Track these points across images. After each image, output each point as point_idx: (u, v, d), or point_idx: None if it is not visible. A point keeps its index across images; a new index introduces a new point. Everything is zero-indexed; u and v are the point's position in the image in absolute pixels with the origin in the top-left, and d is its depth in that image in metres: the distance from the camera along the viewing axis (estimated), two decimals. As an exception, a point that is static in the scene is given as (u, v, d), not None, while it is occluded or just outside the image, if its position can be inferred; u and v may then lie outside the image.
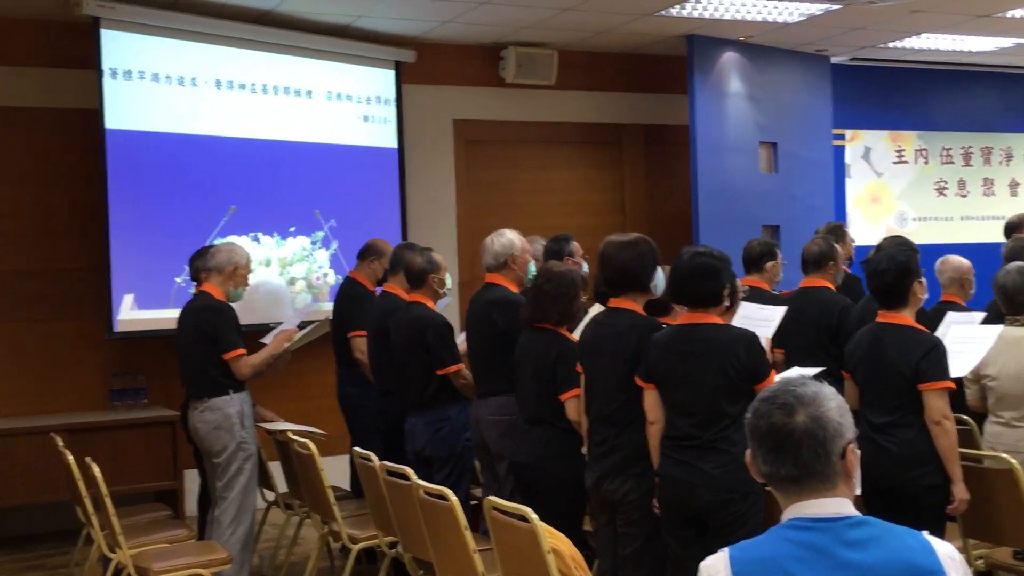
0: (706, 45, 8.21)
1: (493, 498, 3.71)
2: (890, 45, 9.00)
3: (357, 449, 4.84)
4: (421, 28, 7.74)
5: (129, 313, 6.84)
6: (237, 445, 5.21)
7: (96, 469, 4.60)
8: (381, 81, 7.88)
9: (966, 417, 4.76)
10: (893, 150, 10.04)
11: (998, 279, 4.71)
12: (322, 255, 7.62)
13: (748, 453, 2.00)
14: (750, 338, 3.80)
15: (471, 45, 8.24)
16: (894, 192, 10.05)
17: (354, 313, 6.03)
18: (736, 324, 4.22)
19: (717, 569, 1.93)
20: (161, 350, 6.77)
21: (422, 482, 4.13)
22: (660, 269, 4.19)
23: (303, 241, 7.54)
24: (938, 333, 4.45)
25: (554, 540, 3.36)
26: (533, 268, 5.13)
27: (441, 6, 7.17)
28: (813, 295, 5.55)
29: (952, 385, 4.00)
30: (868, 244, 6.88)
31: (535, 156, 8.65)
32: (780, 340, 5.18)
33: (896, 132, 10.04)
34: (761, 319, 4.83)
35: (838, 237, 6.23)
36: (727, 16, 7.68)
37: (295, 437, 5.14)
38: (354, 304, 6.10)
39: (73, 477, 4.81)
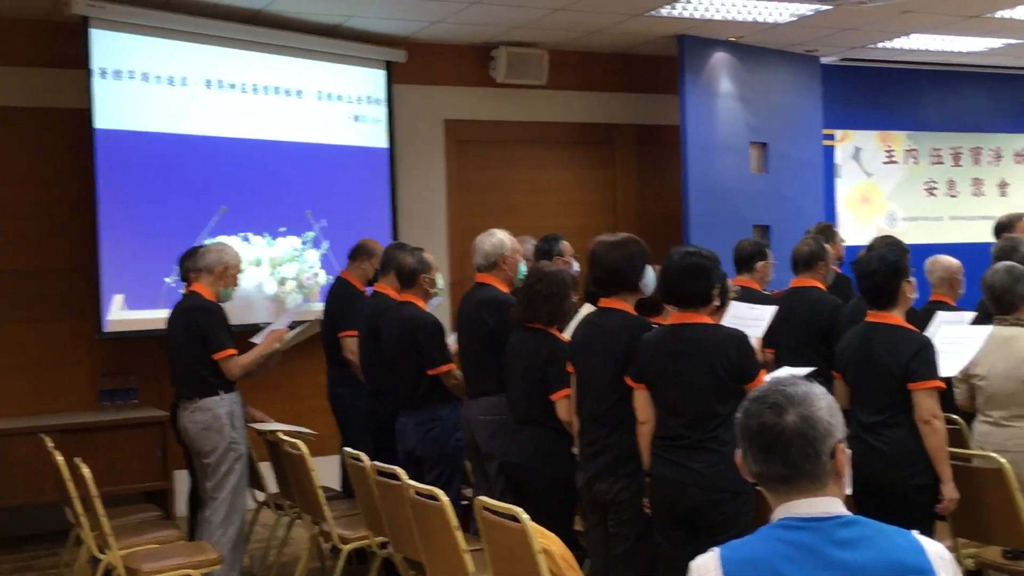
0: (697, 45, 8.22)
1: (484, 498, 3.71)
2: (880, 45, 9.02)
3: (348, 449, 4.84)
4: (412, 28, 7.73)
5: (119, 313, 6.82)
6: (227, 445, 5.21)
7: (86, 469, 4.59)
8: (372, 81, 7.88)
9: (956, 417, 4.77)
10: (883, 150, 10.06)
11: (986, 279, 4.72)
12: (313, 255, 7.61)
13: (738, 453, 2.01)
14: (740, 338, 3.81)
15: (462, 45, 8.24)
16: (884, 192, 10.07)
17: (345, 313, 6.02)
18: (726, 324, 4.23)
19: (708, 569, 1.94)
20: (151, 350, 6.75)
21: (413, 482, 4.13)
22: (650, 268, 4.20)
23: (294, 241, 7.53)
24: (928, 333, 4.46)
25: (545, 540, 3.36)
26: (523, 268, 5.13)
27: (432, 6, 7.16)
28: (803, 295, 5.57)
29: (942, 384, 4.01)
30: (858, 244, 6.89)
31: (526, 156, 8.65)
32: (770, 340, 5.20)
33: (886, 132, 10.06)
34: (751, 319, 4.84)
35: (828, 237, 6.26)
36: (717, 16, 7.69)
37: (285, 437, 5.14)
38: (345, 304, 6.09)
39: (62, 477, 4.79)
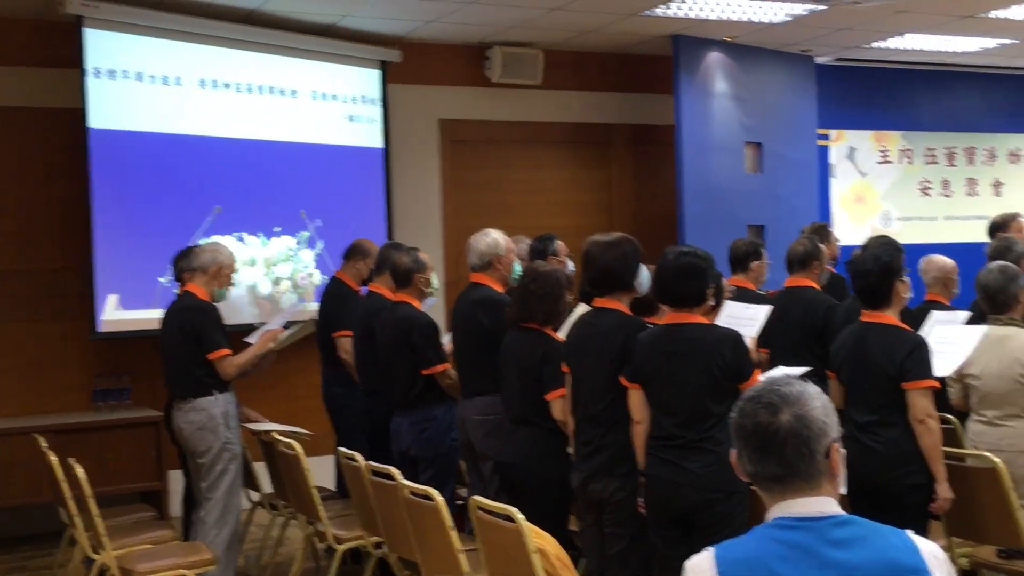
0: (691, 45, 8.22)
1: (479, 498, 3.71)
2: (874, 45, 9.03)
3: (342, 449, 4.83)
4: (407, 28, 7.72)
5: (113, 313, 6.80)
6: (222, 446, 5.20)
7: (80, 470, 4.58)
8: (366, 81, 7.87)
9: (950, 416, 4.78)
10: (877, 150, 10.07)
11: (980, 278, 4.72)
12: (307, 255, 7.60)
13: (733, 452, 2.00)
14: (735, 338, 3.81)
15: (457, 45, 8.23)
16: (878, 192, 10.09)
17: (339, 313, 6.02)
18: (721, 323, 4.23)
19: (703, 568, 1.93)
20: (146, 350, 6.73)
21: (407, 482, 4.12)
22: (644, 268, 4.19)
23: (288, 241, 7.52)
24: (922, 332, 4.46)
25: (540, 540, 3.36)
26: (518, 268, 5.13)
27: (427, 6, 7.15)
28: (798, 295, 5.57)
29: (936, 384, 4.01)
30: (853, 244, 6.91)
31: (521, 156, 8.64)
32: (765, 340, 5.19)
33: (880, 132, 10.07)
34: (746, 318, 4.83)
35: (823, 237, 6.26)
36: (712, 16, 7.70)
37: (280, 437, 5.13)
38: (339, 304, 6.09)
39: (56, 478, 4.78)
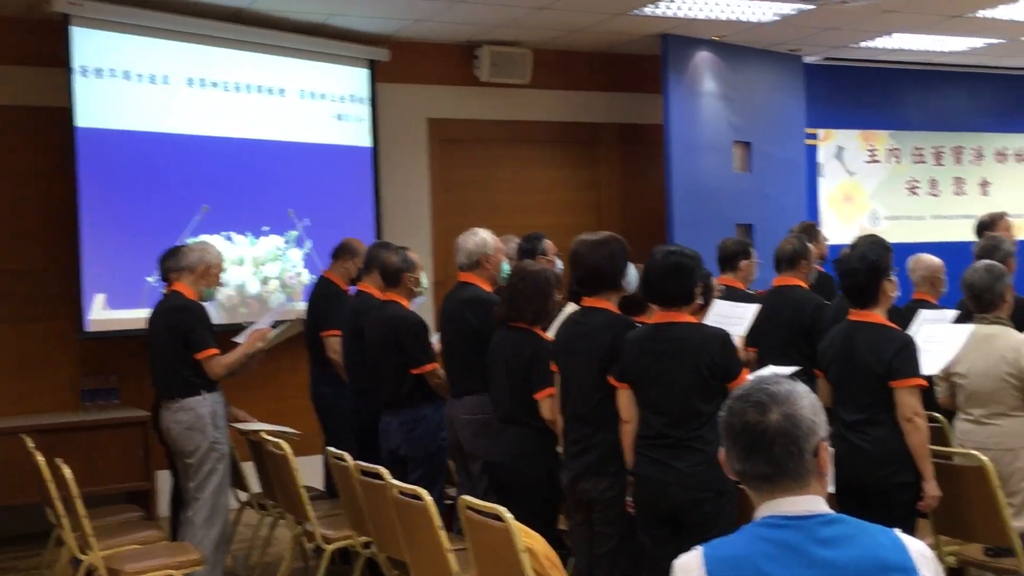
0: (680, 44, 8.23)
1: (468, 497, 3.70)
2: (862, 45, 9.05)
3: (331, 449, 4.82)
4: (395, 27, 7.71)
5: (101, 313, 6.78)
6: (210, 445, 5.18)
7: (67, 470, 4.56)
8: (355, 80, 7.85)
9: (937, 415, 4.79)
10: (865, 149, 10.10)
11: (966, 277, 4.73)
12: (296, 254, 7.58)
13: (722, 451, 2.01)
14: (723, 337, 3.81)
15: (445, 44, 8.23)
16: (866, 191, 10.11)
17: (328, 312, 6.01)
18: (709, 322, 4.24)
19: (691, 567, 1.93)
20: (133, 350, 6.70)
21: (396, 482, 4.12)
22: (632, 267, 4.19)
23: (276, 240, 7.50)
24: (910, 331, 4.47)
25: (529, 539, 3.36)
26: (506, 267, 5.12)
27: (415, 5, 7.15)
28: (786, 294, 5.58)
29: (924, 383, 4.02)
30: (841, 243, 6.92)
31: (510, 155, 8.64)
32: (753, 339, 5.20)
33: (868, 131, 10.10)
34: (734, 317, 4.84)
35: (811, 236, 6.27)
36: (701, 16, 7.70)
37: (268, 437, 5.12)
38: (328, 303, 6.08)
39: (44, 478, 4.76)
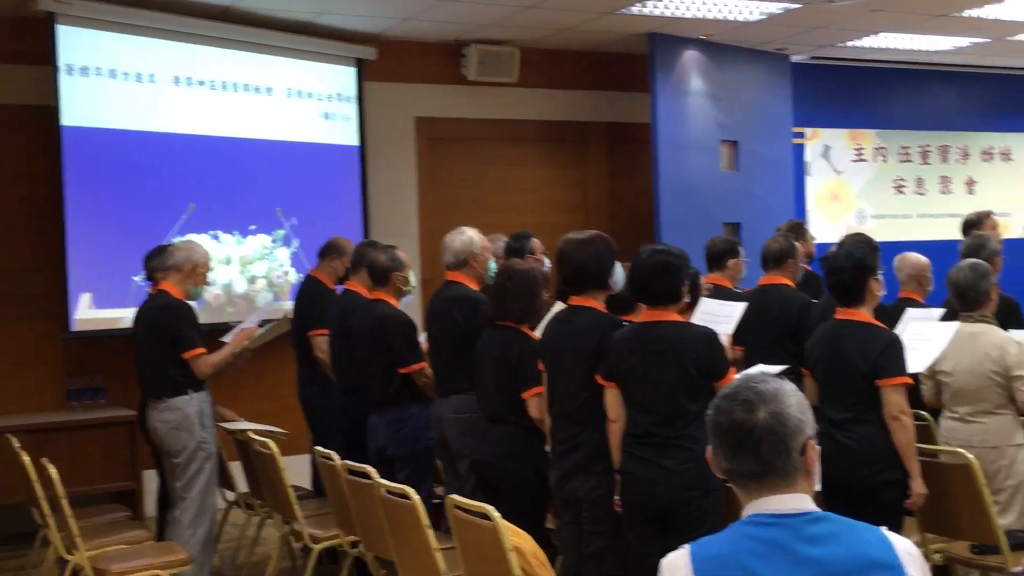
0: (667, 43, 8.23)
1: (455, 496, 3.70)
2: (849, 44, 9.07)
3: (318, 448, 4.82)
4: (382, 25, 7.70)
5: (87, 312, 6.75)
6: (196, 445, 5.17)
7: (53, 470, 4.55)
8: (342, 78, 7.84)
9: (924, 413, 4.81)
10: (852, 148, 10.13)
11: (951, 276, 4.74)
12: (283, 253, 7.56)
13: (709, 450, 2.01)
14: (710, 336, 3.82)
15: (433, 42, 8.22)
16: (853, 190, 10.14)
17: (315, 312, 5.99)
18: (696, 320, 4.24)
19: (678, 566, 1.93)
20: (119, 349, 6.69)
21: (384, 481, 4.11)
22: (619, 265, 4.20)
23: (263, 239, 7.49)
24: (897, 330, 4.48)
25: (516, 538, 3.36)
26: (493, 266, 5.12)
27: (402, 3, 7.14)
28: (773, 292, 5.59)
29: (910, 381, 4.03)
30: (828, 241, 6.94)
31: (497, 154, 8.64)
32: (740, 337, 5.21)
33: (855, 130, 10.13)
34: (721, 315, 4.85)
35: (798, 235, 6.29)
36: (688, 15, 7.71)
37: (256, 436, 5.11)
38: (315, 303, 6.07)
39: (29, 478, 4.74)
